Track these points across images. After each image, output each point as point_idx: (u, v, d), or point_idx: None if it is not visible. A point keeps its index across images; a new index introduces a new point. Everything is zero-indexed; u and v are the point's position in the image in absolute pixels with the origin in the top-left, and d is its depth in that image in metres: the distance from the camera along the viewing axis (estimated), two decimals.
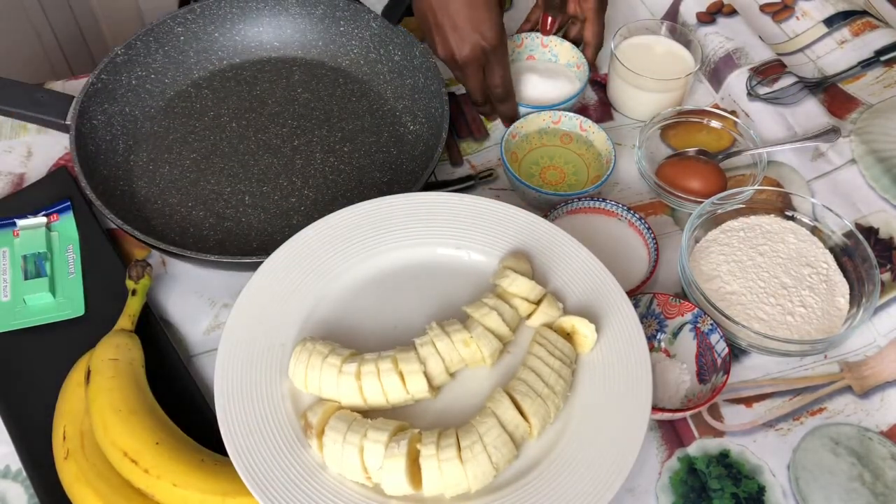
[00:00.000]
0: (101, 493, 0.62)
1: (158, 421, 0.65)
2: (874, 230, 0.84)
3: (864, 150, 0.89)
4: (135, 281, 0.73)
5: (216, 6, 0.93)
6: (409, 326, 0.68)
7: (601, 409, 0.63)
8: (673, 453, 0.70)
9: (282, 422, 0.62)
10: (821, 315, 0.75)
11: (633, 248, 0.80)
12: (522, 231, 0.72)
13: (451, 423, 0.61)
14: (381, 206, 0.74)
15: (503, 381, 0.65)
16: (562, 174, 0.87)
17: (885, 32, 0.99)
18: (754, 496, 0.68)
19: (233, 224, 0.82)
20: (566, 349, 0.65)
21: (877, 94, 0.94)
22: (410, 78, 0.91)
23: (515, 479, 0.60)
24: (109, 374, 0.66)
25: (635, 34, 0.94)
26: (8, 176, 0.87)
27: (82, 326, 0.75)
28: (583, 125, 0.88)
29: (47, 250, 0.79)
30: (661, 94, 0.90)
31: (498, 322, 0.65)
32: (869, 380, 0.74)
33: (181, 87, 0.93)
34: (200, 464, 0.62)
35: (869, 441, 0.70)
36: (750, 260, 0.78)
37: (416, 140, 0.89)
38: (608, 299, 0.68)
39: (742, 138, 0.89)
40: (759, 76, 0.94)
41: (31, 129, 0.91)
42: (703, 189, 0.83)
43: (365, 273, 0.71)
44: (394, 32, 0.91)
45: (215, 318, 0.78)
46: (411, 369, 0.62)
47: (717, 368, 0.71)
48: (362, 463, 0.58)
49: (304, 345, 0.63)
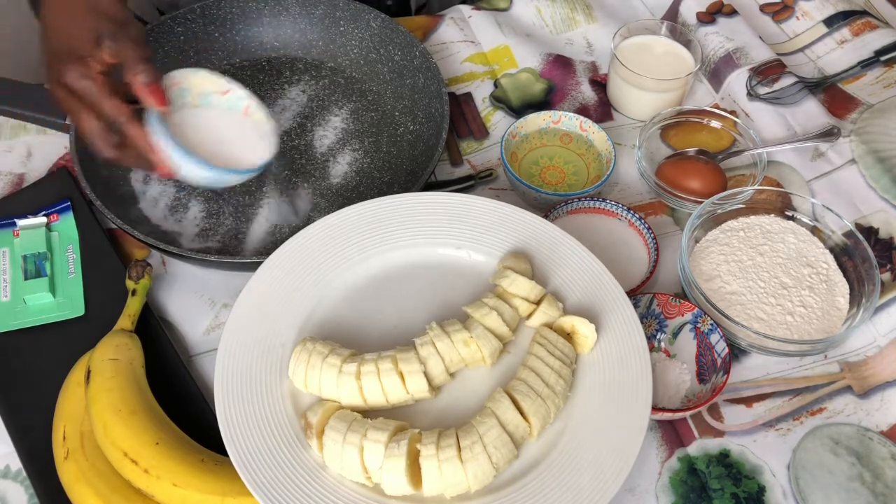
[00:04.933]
0: (101, 493, 0.62)
1: (158, 421, 0.65)
2: (874, 230, 0.84)
3: (864, 150, 0.89)
4: (135, 281, 0.73)
5: (216, 6, 0.93)
6: (409, 326, 0.68)
7: (601, 409, 0.63)
8: (673, 453, 0.70)
9: (282, 422, 0.62)
10: (821, 315, 0.75)
11: (633, 248, 0.80)
12: (522, 231, 0.72)
13: (451, 423, 0.61)
14: (381, 206, 0.74)
15: (503, 381, 0.65)
16: (562, 174, 0.87)
17: (885, 32, 0.99)
18: (754, 496, 0.68)
19: (233, 224, 0.82)
20: (566, 349, 0.65)
21: (877, 94, 0.94)
22: (410, 78, 0.91)
23: (515, 479, 0.60)
24: (109, 374, 0.66)
25: (635, 34, 0.94)
26: (8, 176, 0.87)
27: (82, 326, 0.75)
28: (583, 125, 0.88)
29: (47, 250, 0.79)
30: (661, 94, 0.90)
31: (498, 322, 0.65)
32: (869, 380, 0.74)
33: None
34: (200, 464, 0.62)
35: (869, 441, 0.70)
36: (750, 260, 0.78)
37: (416, 140, 0.89)
38: (608, 299, 0.68)
39: (742, 138, 0.89)
40: (759, 76, 0.94)
41: (31, 129, 0.91)
42: (703, 189, 0.83)
43: (365, 273, 0.71)
44: (394, 32, 0.91)
45: (215, 318, 0.78)
46: (411, 369, 0.62)
47: (717, 368, 0.71)
48: (362, 463, 0.58)
49: (304, 345, 0.63)
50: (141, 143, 0.66)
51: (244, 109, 0.74)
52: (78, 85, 0.65)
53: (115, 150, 0.67)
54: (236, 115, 0.74)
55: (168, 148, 0.66)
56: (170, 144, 0.66)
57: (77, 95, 0.65)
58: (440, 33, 1.00)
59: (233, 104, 0.74)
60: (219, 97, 0.73)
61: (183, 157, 0.66)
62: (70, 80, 0.65)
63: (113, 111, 0.65)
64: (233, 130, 0.73)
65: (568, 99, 0.95)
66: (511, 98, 0.95)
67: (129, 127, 0.66)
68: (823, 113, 0.92)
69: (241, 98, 0.74)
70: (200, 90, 0.72)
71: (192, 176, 0.68)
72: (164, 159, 0.67)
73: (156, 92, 0.66)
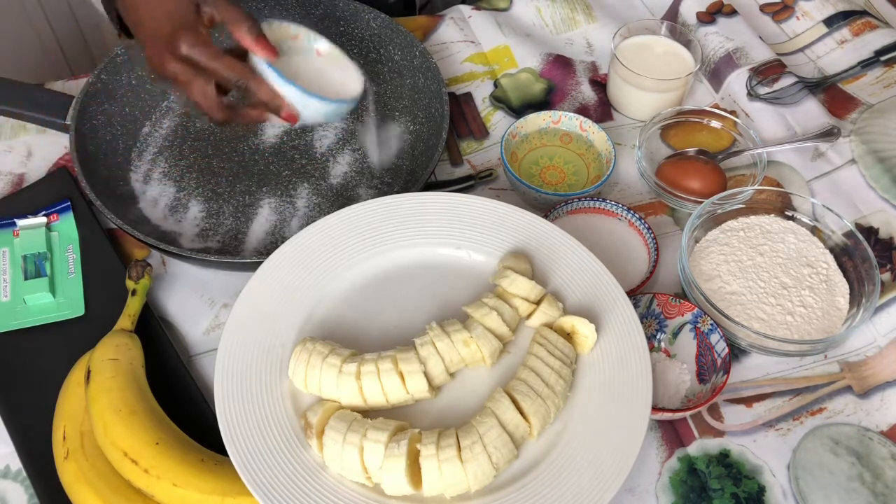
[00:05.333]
0: (101, 493, 0.62)
1: (158, 421, 0.65)
2: (874, 230, 0.83)
3: (864, 150, 0.89)
4: (135, 281, 0.73)
5: None
6: (409, 326, 0.68)
7: (601, 409, 0.63)
8: (673, 453, 0.70)
9: (282, 422, 0.62)
10: (821, 315, 0.75)
11: (633, 248, 0.80)
12: (522, 231, 0.72)
13: (451, 423, 0.61)
14: (381, 206, 0.74)
15: (503, 381, 0.65)
16: (562, 174, 0.87)
17: (885, 32, 0.99)
18: (754, 496, 0.68)
19: (233, 224, 0.82)
20: (566, 349, 0.65)
21: (877, 94, 0.94)
22: (410, 78, 0.91)
23: (515, 479, 0.60)
24: (109, 374, 0.66)
25: (635, 34, 0.94)
26: (8, 176, 0.87)
27: (82, 326, 0.75)
28: (583, 125, 0.88)
29: (47, 250, 0.79)
30: (661, 94, 0.90)
31: (498, 322, 0.65)
32: (869, 380, 0.74)
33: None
34: (200, 464, 0.62)
35: (869, 441, 0.70)
36: (750, 260, 0.78)
37: (416, 140, 0.89)
38: (608, 299, 0.68)
39: (742, 138, 0.89)
40: (759, 76, 0.94)
41: (31, 129, 0.91)
42: (703, 189, 0.83)
43: (365, 273, 0.71)
44: (394, 32, 0.91)
45: (215, 318, 0.78)
46: (411, 369, 0.62)
47: (717, 368, 0.71)
48: (362, 463, 0.58)
49: (304, 345, 0.63)
50: (265, 91, 0.70)
51: (317, 51, 0.78)
52: (194, 53, 0.69)
53: (227, 111, 0.71)
54: (312, 57, 0.78)
55: (288, 91, 0.70)
56: (289, 87, 0.70)
57: (192, 65, 0.69)
58: (440, 33, 1.01)
59: (305, 47, 0.77)
60: (292, 42, 0.77)
61: (304, 96, 0.70)
62: (186, 50, 0.68)
63: (232, 70, 0.69)
64: (318, 69, 0.77)
65: (568, 99, 0.95)
66: (511, 98, 0.95)
67: (251, 80, 0.70)
68: (823, 113, 0.92)
69: (311, 40, 0.77)
70: (277, 38, 0.75)
71: (312, 113, 0.72)
72: (287, 103, 0.71)
73: (264, 43, 0.70)
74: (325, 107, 0.72)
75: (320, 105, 0.71)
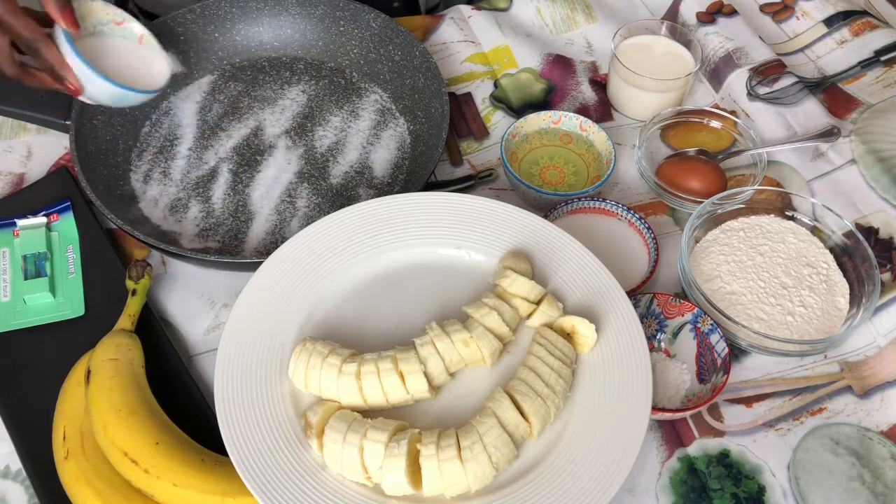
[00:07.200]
0: (101, 493, 0.62)
1: (158, 421, 0.65)
2: (874, 230, 0.84)
3: (864, 150, 0.89)
4: (135, 281, 0.73)
5: (216, 6, 0.93)
6: (409, 326, 0.68)
7: (601, 409, 0.63)
8: (673, 453, 0.70)
9: (282, 422, 0.62)
10: (821, 315, 0.75)
11: (633, 248, 0.80)
12: (522, 231, 0.72)
13: (451, 423, 0.61)
14: (381, 206, 0.74)
15: (503, 381, 0.65)
16: (562, 174, 0.87)
17: (885, 32, 0.99)
18: (754, 496, 0.68)
19: (233, 224, 0.82)
20: (566, 349, 0.65)
21: (877, 94, 0.94)
22: (410, 78, 0.91)
23: (515, 479, 0.60)
24: (109, 374, 0.66)
25: (635, 34, 0.94)
26: (8, 176, 0.87)
27: (82, 326, 0.75)
28: (583, 125, 0.88)
29: (47, 250, 0.79)
30: (661, 94, 0.90)
31: (498, 322, 0.65)
32: (869, 380, 0.74)
33: (181, 88, 0.93)
34: (200, 464, 0.62)
35: (869, 441, 0.70)
36: (750, 260, 0.78)
37: (416, 140, 0.89)
38: (608, 299, 0.68)
39: (742, 138, 0.89)
40: (759, 76, 0.94)
41: (31, 129, 0.91)
42: (703, 189, 0.83)
43: (365, 273, 0.71)
44: (394, 32, 0.91)
45: (215, 318, 0.78)
46: (411, 369, 0.62)
47: (717, 368, 0.71)
48: (362, 463, 0.58)
49: (304, 345, 0.63)
50: (52, 56, 0.70)
51: (139, 39, 0.79)
52: None
53: (18, 68, 0.71)
54: (131, 44, 0.79)
55: (76, 64, 0.70)
56: (78, 60, 0.70)
57: None
58: (440, 33, 1.01)
59: (127, 34, 0.78)
60: (113, 27, 0.78)
61: (90, 73, 0.71)
62: None
63: (26, 29, 0.69)
64: (129, 56, 0.78)
65: (568, 99, 0.95)
66: (511, 98, 0.95)
67: (42, 43, 0.70)
68: (823, 113, 0.92)
69: (136, 29, 0.78)
70: (97, 18, 0.76)
71: (96, 92, 0.73)
72: (73, 75, 0.71)
73: (68, 15, 0.70)
74: (111, 89, 0.72)
75: (105, 85, 0.72)
